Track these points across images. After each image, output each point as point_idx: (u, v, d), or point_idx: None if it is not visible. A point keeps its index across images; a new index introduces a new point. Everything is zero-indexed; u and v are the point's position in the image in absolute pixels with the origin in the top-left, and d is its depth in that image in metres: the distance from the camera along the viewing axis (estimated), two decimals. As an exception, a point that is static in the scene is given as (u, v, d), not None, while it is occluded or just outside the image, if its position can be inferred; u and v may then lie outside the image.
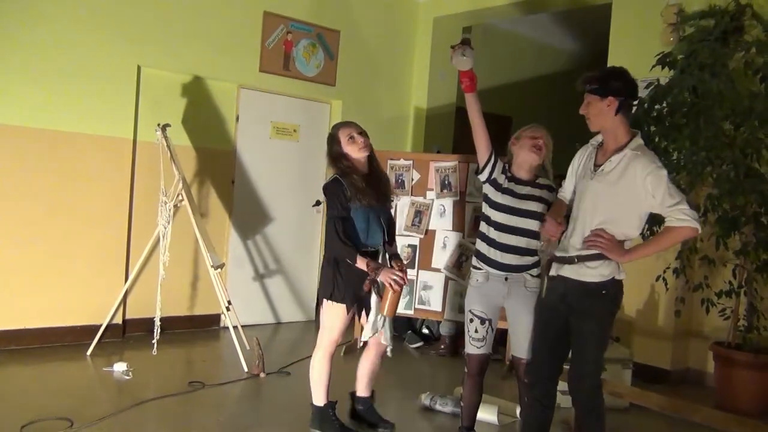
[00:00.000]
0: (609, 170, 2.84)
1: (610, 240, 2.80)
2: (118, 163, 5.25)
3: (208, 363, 5.09)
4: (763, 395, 4.46)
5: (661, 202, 2.74)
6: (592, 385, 2.89)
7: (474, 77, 3.28)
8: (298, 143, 6.42)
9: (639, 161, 2.78)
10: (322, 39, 6.34)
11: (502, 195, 3.28)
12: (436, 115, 7.01)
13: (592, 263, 2.84)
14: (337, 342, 3.56)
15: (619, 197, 2.81)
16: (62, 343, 4.99)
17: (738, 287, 4.49)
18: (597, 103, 2.86)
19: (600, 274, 2.84)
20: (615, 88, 2.84)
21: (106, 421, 3.60)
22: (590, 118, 2.91)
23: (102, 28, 5.08)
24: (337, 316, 3.50)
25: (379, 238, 3.51)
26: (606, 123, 2.88)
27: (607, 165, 2.85)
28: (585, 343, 2.88)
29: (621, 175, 2.80)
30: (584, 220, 2.89)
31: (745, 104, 4.22)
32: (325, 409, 3.58)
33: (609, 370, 4.35)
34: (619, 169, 2.82)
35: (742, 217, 4.28)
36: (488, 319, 3.30)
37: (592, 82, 2.89)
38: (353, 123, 3.59)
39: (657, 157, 2.88)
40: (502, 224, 3.26)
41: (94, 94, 5.08)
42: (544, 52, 8.36)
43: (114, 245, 5.25)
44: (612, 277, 2.86)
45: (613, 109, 2.84)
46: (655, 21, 5.13)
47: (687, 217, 2.72)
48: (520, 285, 3.24)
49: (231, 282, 5.88)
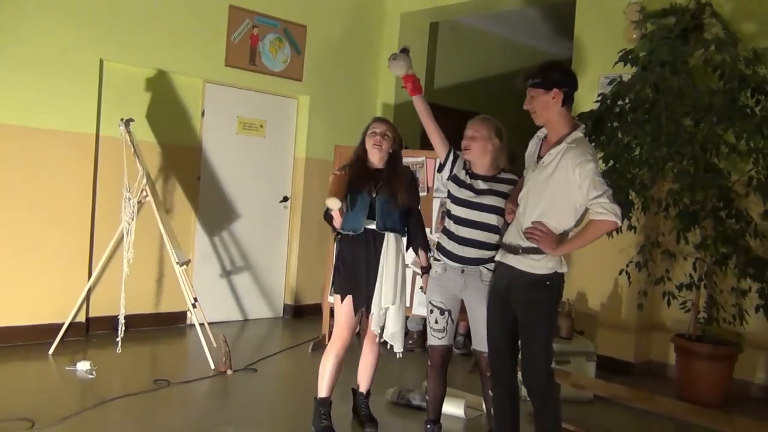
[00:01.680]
0: (547, 163, 2.87)
1: (546, 233, 2.83)
2: (81, 159, 5.15)
3: (173, 361, 5.04)
4: (723, 386, 4.57)
5: (586, 195, 2.77)
6: (544, 374, 2.91)
7: (415, 81, 3.41)
8: (265, 139, 6.38)
9: (570, 153, 2.80)
10: (289, 34, 6.30)
11: (461, 189, 3.34)
12: (404, 111, 7.00)
13: (537, 255, 2.88)
14: (343, 336, 3.52)
15: (553, 189, 2.85)
16: (23, 343, 4.89)
17: (698, 280, 4.60)
18: (542, 96, 2.87)
19: (545, 267, 2.87)
20: (558, 80, 2.86)
21: (69, 421, 3.54)
22: (536, 111, 2.91)
23: (63, 21, 4.98)
24: (341, 309, 3.51)
25: (361, 221, 3.52)
26: (552, 116, 2.89)
27: (547, 158, 2.88)
28: (533, 334, 2.92)
29: (555, 168, 2.83)
30: (524, 211, 2.93)
31: (704, 101, 4.30)
32: (319, 404, 3.56)
33: (573, 363, 4.43)
34: (555, 162, 2.84)
35: (701, 212, 4.37)
36: (447, 309, 3.34)
37: (534, 76, 2.90)
38: (386, 122, 3.68)
39: (590, 150, 2.89)
40: (460, 218, 3.31)
41: (55, 88, 4.97)
42: (510, 49, 8.41)
43: (77, 242, 5.16)
44: (555, 270, 2.89)
45: (559, 100, 2.86)
46: (619, 18, 5.21)
47: (605, 211, 2.74)
48: (477, 278, 3.27)
49: (197, 279, 5.83)
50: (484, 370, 3.32)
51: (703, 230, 4.48)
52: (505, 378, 3.07)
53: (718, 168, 4.41)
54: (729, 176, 4.44)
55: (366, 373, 3.77)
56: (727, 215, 4.38)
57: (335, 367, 3.53)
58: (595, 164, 2.80)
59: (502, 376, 3.08)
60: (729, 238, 4.33)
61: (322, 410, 3.54)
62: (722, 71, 4.33)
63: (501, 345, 3.06)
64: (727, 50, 4.32)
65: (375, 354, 3.73)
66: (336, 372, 3.55)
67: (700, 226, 4.45)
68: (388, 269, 3.49)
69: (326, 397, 3.55)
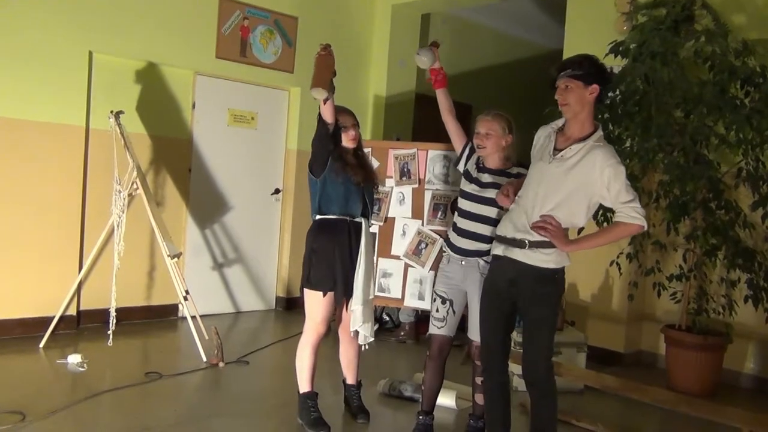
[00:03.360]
0: (568, 157, 2.81)
1: (557, 227, 2.81)
2: (71, 151, 5.12)
3: (165, 353, 5.03)
4: (712, 376, 4.61)
5: (616, 197, 2.75)
6: (546, 368, 2.93)
7: (438, 74, 3.41)
8: (256, 131, 6.36)
9: (600, 152, 2.78)
10: (280, 25, 6.27)
11: (469, 184, 3.37)
12: (396, 102, 7.02)
13: (547, 250, 2.85)
14: (319, 330, 3.51)
15: (572, 184, 2.81)
16: (13, 336, 4.87)
17: (688, 271, 4.62)
18: (580, 89, 2.79)
19: (554, 261, 2.87)
20: (596, 75, 2.80)
21: (60, 414, 3.53)
22: (569, 104, 2.81)
23: (52, 12, 4.93)
24: (315, 301, 3.48)
25: (358, 209, 3.53)
26: (583, 111, 2.83)
27: (567, 152, 2.82)
28: (539, 328, 2.92)
29: (578, 163, 2.79)
30: (534, 203, 2.87)
31: (694, 92, 4.32)
32: (304, 398, 3.56)
33: (564, 354, 4.45)
34: (577, 157, 2.80)
35: (691, 203, 4.39)
36: (449, 299, 3.36)
37: (575, 67, 2.82)
38: (348, 111, 3.62)
39: (616, 153, 2.87)
40: (465, 211, 3.34)
41: (45, 80, 4.94)
42: (502, 41, 8.41)
43: (67, 235, 5.13)
44: (563, 265, 2.90)
45: (594, 97, 2.81)
46: (609, 10, 5.21)
47: (639, 216, 2.73)
48: (475, 269, 3.28)
49: (188, 271, 5.81)
50: (474, 358, 3.38)
51: (693, 221, 4.51)
52: (496, 372, 3.08)
53: (708, 159, 4.43)
54: (719, 167, 4.46)
55: (351, 366, 3.78)
56: (716, 206, 4.40)
57: (313, 360, 3.54)
58: (624, 167, 2.79)
59: (493, 370, 3.08)
60: (718, 229, 4.36)
61: (310, 403, 3.54)
62: (712, 62, 4.34)
63: (494, 339, 3.06)
64: (717, 41, 4.33)
65: (356, 346, 3.72)
66: (314, 364, 3.55)
67: (690, 217, 4.47)
68: (368, 262, 3.52)
69: (310, 390, 3.55)
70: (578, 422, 3.85)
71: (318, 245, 3.49)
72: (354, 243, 3.51)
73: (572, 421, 3.86)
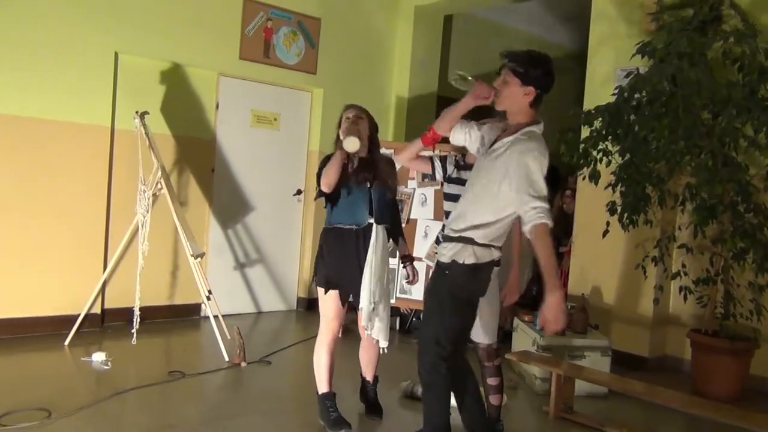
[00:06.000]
0: (497, 149, 2.75)
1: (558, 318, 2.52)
2: (96, 151, 5.18)
3: (188, 352, 5.06)
4: (739, 381, 4.53)
5: (516, 189, 2.62)
6: (429, 362, 2.82)
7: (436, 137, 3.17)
8: (279, 132, 6.38)
9: (519, 144, 2.67)
10: (303, 26, 6.29)
11: (450, 185, 3.40)
12: (418, 103, 7.00)
13: (445, 244, 2.83)
14: (330, 326, 3.52)
15: (490, 175, 2.72)
16: (40, 333, 4.93)
17: (715, 275, 4.55)
18: (515, 86, 2.72)
19: (447, 256, 2.79)
20: (537, 78, 2.71)
21: (85, 412, 3.56)
22: (500, 96, 2.74)
23: (79, 14, 5.00)
24: (325, 301, 3.50)
25: (364, 215, 3.49)
26: (513, 108, 2.77)
27: (498, 144, 2.76)
28: (425, 319, 2.93)
29: (500, 155, 2.71)
30: (463, 199, 2.83)
31: (723, 93, 4.25)
32: (322, 399, 3.57)
33: (588, 358, 4.41)
34: (502, 149, 2.72)
35: (719, 206, 4.32)
36: None
37: (517, 62, 2.72)
38: (354, 106, 3.56)
39: (543, 147, 2.68)
40: (447, 212, 3.38)
41: (71, 80, 5.00)
42: (524, 41, 8.35)
43: (92, 234, 5.19)
44: (454, 260, 2.78)
45: (529, 99, 2.73)
46: (635, 10, 5.16)
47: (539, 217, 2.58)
48: None
49: (211, 271, 5.85)
50: (481, 360, 3.38)
51: (721, 225, 4.43)
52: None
53: (737, 162, 4.35)
54: (747, 170, 4.39)
55: (370, 365, 3.80)
56: (745, 209, 4.32)
57: (329, 360, 3.55)
58: (540, 161, 2.62)
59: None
60: (747, 232, 4.28)
61: (328, 404, 3.55)
62: (741, 63, 4.27)
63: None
64: (746, 42, 4.26)
65: (376, 347, 3.69)
66: (331, 365, 3.56)
67: (718, 220, 4.40)
68: (378, 263, 3.46)
69: (328, 391, 3.56)
70: (602, 427, 3.81)
71: (325, 245, 3.54)
72: (362, 245, 3.47)
73: (597, 425, 3.82)
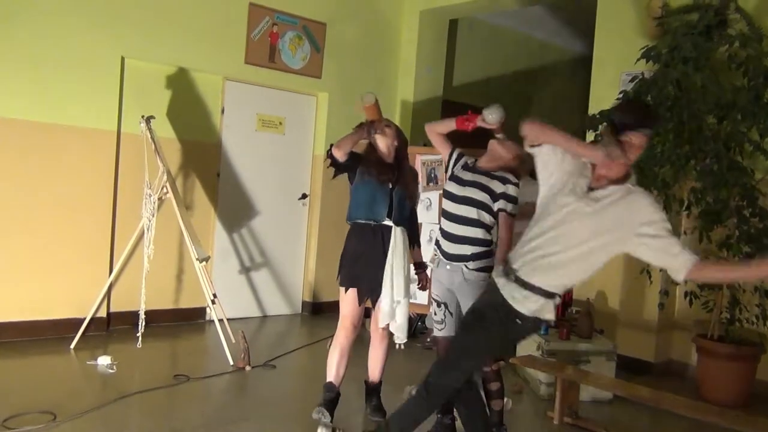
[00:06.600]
0: (601, 197, 2.52)
1: None
2: (102, 155, 5.20)
3: (193, 356, 5.07)
4: (745, 386, 4.51)
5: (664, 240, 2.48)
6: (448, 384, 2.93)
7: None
8: (284, 136, 6.40)
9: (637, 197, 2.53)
10: (308, 31, 6.31)
11: (449, 182, 3.38)
12: (423, 108, 7.01)
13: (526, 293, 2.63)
14: (345, 325, 3.60)
15: (604, 225, 2.51)
16: (45, 337, 4.95)
17: (721, 280, 4.53)
18: (644, 145, 2.47)
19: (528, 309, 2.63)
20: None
21: (90, 415, 3.57)
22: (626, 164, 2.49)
23: (85, 19, 5.03)
24: (344, 300, 3.58)
25: (383, 212, 3.55)
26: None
27: (601, 191, 2.53)
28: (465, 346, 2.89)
29: (609, 205, 2.51)
30: (548, 239, 2.57)
31: (728, 98, 4.25)
32: (324, 389, 3.64)
33: (593, 362, 4.40)
34: (610, 199, 2.51)
35: (725, 210, 4.31)
36: (443, 302, 3.38)
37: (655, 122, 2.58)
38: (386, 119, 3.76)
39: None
40: (446, 212, 3.36)
41: (78, 85, 5.03)
42: (529, 46, 8.36)
43: (98, 238, 5.21)
44: (536, 317, 2.69)
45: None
46: (640, 15, 5.15)
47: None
48: (459, 275, 3.28)
49: (216, 275, 5.86)
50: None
51: (726, 229, 4.42)
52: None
53: (742, 166, 4.34)
54: (753, 174, 4.38)
55: (377, 366, 3.83)
56: (750, 214, 4.31)
57: (339, 356, 3.62)
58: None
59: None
60: (752, 237, 4.27)
61: (324, 392, 3.63)
62: (747, 67, 4.27)
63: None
64: (751, 46, 4.26)
65: (384, 347, 3.78)
66: (340, 360, 3.62)
67: (723, 224, 4.39)
68: (398, 263, 3.53)
69: (328, 381, 3.63)
70: (607, 432, 3.80)
71: (349, 245, 3.62)
72: (382, 245, 3.55)
73: (602, 431, 3.80)
